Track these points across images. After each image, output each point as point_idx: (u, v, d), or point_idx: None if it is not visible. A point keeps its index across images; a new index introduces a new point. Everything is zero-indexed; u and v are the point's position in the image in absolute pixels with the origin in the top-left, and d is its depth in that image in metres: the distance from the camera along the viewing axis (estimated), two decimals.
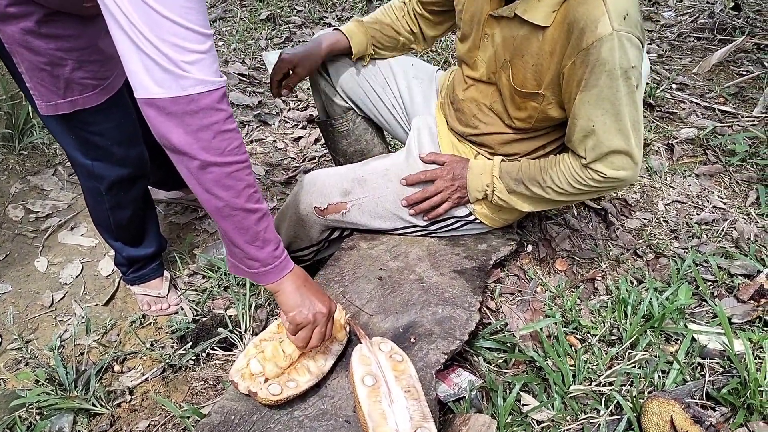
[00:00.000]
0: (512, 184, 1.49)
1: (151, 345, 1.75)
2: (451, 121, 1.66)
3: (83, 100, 1.34)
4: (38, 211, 2.13)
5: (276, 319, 1.38)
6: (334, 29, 1.71)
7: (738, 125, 2.38)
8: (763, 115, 2.39)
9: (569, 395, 1.40)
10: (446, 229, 1.65)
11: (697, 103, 2.56)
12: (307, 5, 3.67)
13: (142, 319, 1.83)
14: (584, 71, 1.26)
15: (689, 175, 2.18)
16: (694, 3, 3.61)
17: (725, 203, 2.04)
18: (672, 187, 2.12)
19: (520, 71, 1.39)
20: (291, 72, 1.68)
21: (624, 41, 1.22)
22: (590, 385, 1.43)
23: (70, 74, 1.28)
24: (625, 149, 1.33)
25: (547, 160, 1.47)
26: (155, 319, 1.85)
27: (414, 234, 1.66)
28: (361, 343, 1.26)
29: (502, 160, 1.55)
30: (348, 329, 1.33)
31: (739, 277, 1.76)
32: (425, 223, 1.62)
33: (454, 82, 1.65)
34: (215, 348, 1.63)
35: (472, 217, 1.63)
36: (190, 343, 1.67)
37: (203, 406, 1.49)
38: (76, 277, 1.96)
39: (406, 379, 1.19)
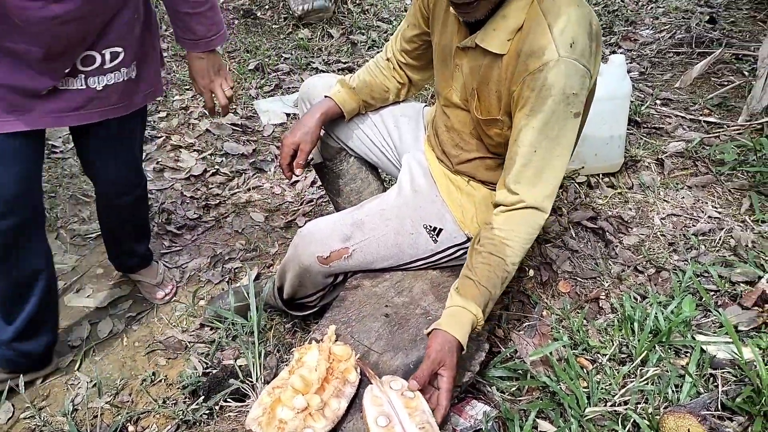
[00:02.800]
0: (489, 306, 1.37)
1: (164, 402, 1.75)
2: (438, 153, 1.70)
3: None
4: None
5: (286, 365, 1.39)
6: (325, 96, 1.74)
7: (725, 135, 2.43)
8: (748, 123, 2.44)
9: (585, 418, 1.40)
10: (448, 258, 1.67)
11: (682, 117, 2.61)
12: (293, 52, 3.75)
13: (153, 377, 1.84)
14: (530, 95, 1.30)
15: (682, 188, 2.21)
16: (671, 20, 3.70)
17: (720, 212, 2.07)
18: (666, 201, 2.15)
19: (485, 99, 1.45)
20: (296, 152, 1.70)
21: (569, 68, 1.27)
22: (605, 405, 1.43)
23: None
24: (557, 176, 1.35)
25: (492, 248, 1.36)
26: (165, 375, 1.85)
27: (417, 268, 1.68)
28: (371, 383, 1.27)
29: (462, 307, 1.35)
30: (358, 370, 1.34)
31: (741, 285, 1.78)
32: (428, 253, 1.64)
33: (435, 114, 1.70)
34: (227, 400, 1.63)
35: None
36: (202, 397, 1.67)
37: None
38: (85, 339, 1.96)
39: (420, 415, 1.20)
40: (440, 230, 1.65)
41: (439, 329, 1.31)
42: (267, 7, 4.15)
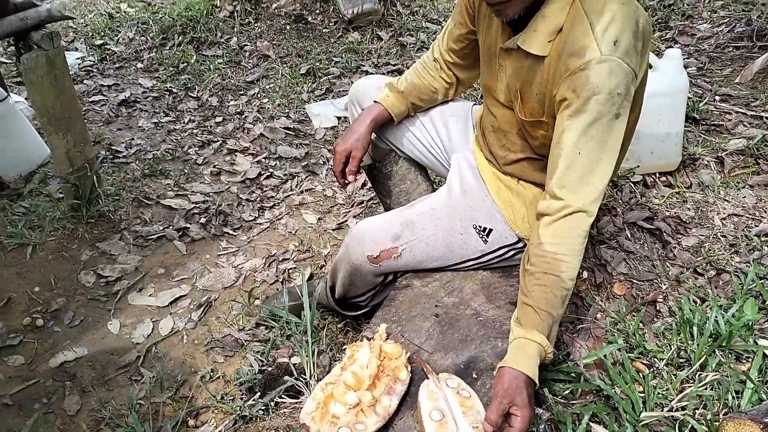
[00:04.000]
0: (554, 331, 1.32)
1: (222, 398, 1.81)
2: (486, 153, 1.70)
3: None
4: (108, 276, 2.25)
5: (338, 362, 1.42)
6: (374, 102, 1.77)
7: None
8: None
9: (641, 423, 1.37)
10: (498, 259, 1.67)
11: (743, 113, 2.51)
12: (344, 56, 3.80)
13: (211, 373, 1.90)
14: (572, 96, 1.27)
15: (743, 187, 2.13)
16: (730, 13, 3.56)
17: None
18: (726, 201, 2.08)
19: (528, 101, 1.43)
20: (348, 158, 1.73)
21: (613, 66, 1.23)
22: (662, 410, 1.40)
23: None
24: (603, 181, 1.30)
25: (545, 267, 1.30)
26: (223, 372, 1.91)
27: (467, 268, 1.69)
28: (428, 379, 1.28)
29: (531, 339, 1.28)
30: (410, 369, 1.35)
31: None
32: (478, 253, 1.64)
33: (483, 114, 1.70)
34: (282, 396, 1.67)
35: (522, 244, 1.65)
36: (258, 394, 1.72)
37: None
38: (147, 336, 2.05)
39: (474, 415, 1.20)
40: (490, 230, 1.64)
41: (504, 366, 1.23)
42: (318, 11, 4.22)
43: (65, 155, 2.30)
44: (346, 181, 1.76)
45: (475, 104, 1.89)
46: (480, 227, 1.64)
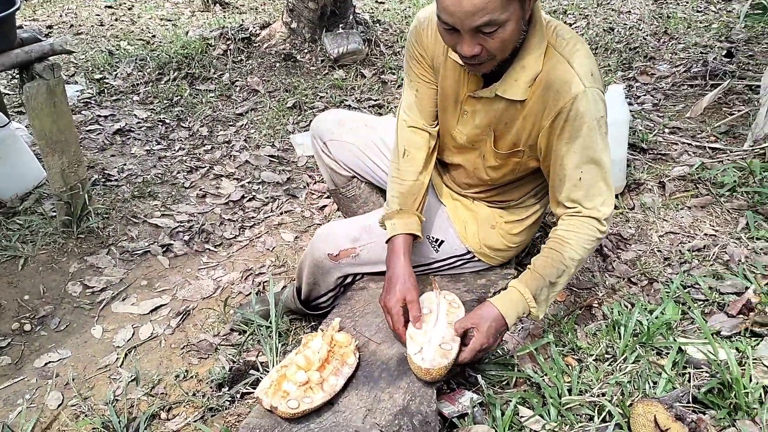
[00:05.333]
0: (544, 294, 1.53)
1: (193, 394, 1.95)
2: (445, 179, 1.88)
3: None
4: (94, 286, 2.41)
5: (294, 350, 1.57)
6: (386, 242, 1.69)
7: (728, 160, 2.53)
8: (751, 149, 2.54)
9: (565, 407, 1.53)
10: (447, 267, 1.84)
11: (688, 144, 2.72)
12: (329, 91, 4.04)
13: (185, 373, 2.04)
14: (564, 126, 1.47)
15: (682, 209, 2.32)
16: (689, 54, 3.82)
17: (717, 230, 2.17)
18: (665, 220, 2.27)
19: (504, 136, 1.60)
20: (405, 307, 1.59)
21: (595, 95, 1.45)
22: (584, 396, 1.55)
23: None
24: (609, 195, 1.53)
25: (552, 245, 1.55)
26: (197, 373, 2.05)
27: (418, 273, 1.85)
28: (433, 290, 1.64)
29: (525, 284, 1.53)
30: (358, 355, 1.51)
31: (730, 296, 1.87)
32: (428, 260, 1.81)
33: (441, 147, 1.80)
34: (248, 388, 1.82)
35: (470, 256, 1.82)
36: (227, 388, 1.86)
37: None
38: (128, 340, 2.20)
39: (453, 317, 1.54)
40: (442, 242, 1.82)
41: (488, 301, 1.53)
42: (306, 51, 4.48)
43: (60, 174, 2.49)
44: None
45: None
46: (433, 238, 1.82)
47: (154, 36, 5.06)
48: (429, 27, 1.61)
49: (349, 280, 1.89)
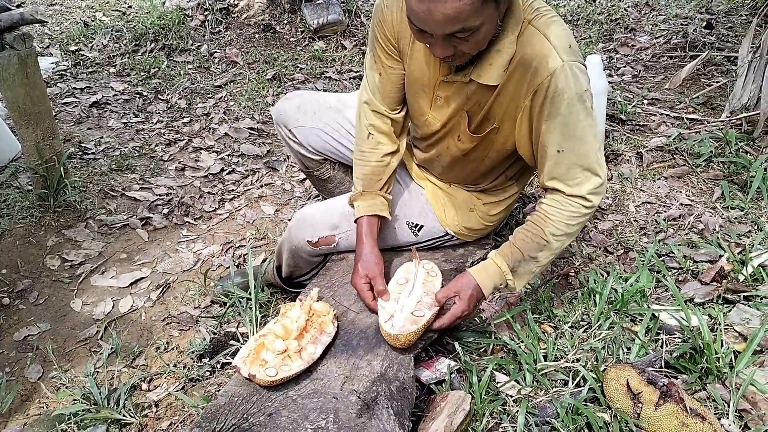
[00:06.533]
0: (523, 268, 1.54)
1: (174, 366, 1.95)
2: (421, 163, 1.84)
3: None
4: (72, 260, 2.39)
5: (272, 319, 1.58)
6: (354, 221, 1.71)
7: (705, 130, 2.55)
8: (728, 119, 2.56)
9: (540, 372, 1.56)
10: (427, 246, 1.84)
11: (666, 115, 2.74)
12: (309, 63, 3.99)
13: (166, 345, 2.05)
14: (544, 103, 1.41)
15: (659, 179, 2.35)
16: (669, 26, 3.83)
17: (692, 200, 2.20)
18: (642, 191, 2.29)
19: (475, 116, 1.55)
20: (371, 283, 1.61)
21: (575, 69, 1.39)
22: (559, 362, 1.58)
23: None
24: (594, 170, 1.47)
25: (535, 218, 1.54)
26: (177, 345, 2.06)
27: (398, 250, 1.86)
28: (414, 261, 1.63)
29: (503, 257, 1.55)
30: (336, 324, 1.52)
31: (704, 264, 1.91)
32: (409, 243, 1.81)
33: (415, 132, 1.77)
34: (228, 358, 1.83)
35: (447, 237, 1.83)
36: (207, 359, 1.87)
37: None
38: (107, 313, 2.19)
39: (429, 286, 1.56)
40: (422, 226, 1.81)
41: (467, 271, 1.55)
42: (285, 21, 4.41)
43: (35, 147, 2.45)
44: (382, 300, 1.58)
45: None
46: (412, 224, 1.81)
47: (130, 7, 4.94)
48: (395, 6, 1.53)
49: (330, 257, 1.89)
